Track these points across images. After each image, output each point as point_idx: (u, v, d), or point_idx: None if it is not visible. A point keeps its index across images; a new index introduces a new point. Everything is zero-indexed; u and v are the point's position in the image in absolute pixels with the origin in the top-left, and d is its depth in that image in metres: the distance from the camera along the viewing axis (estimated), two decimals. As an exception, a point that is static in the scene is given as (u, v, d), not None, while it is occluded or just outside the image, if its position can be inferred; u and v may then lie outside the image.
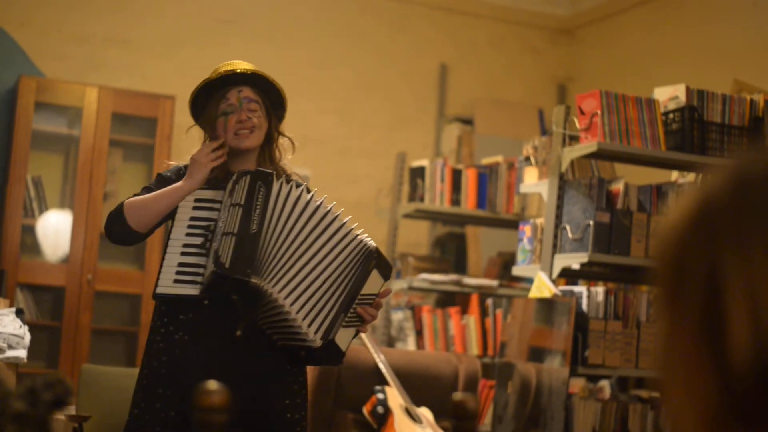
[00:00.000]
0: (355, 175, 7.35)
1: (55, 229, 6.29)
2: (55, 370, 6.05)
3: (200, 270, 2.88)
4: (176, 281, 2.88)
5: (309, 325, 2.84)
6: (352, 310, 2.89)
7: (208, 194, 2.99)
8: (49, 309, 6.33)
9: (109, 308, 6.42)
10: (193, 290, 2.87)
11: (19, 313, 4.17)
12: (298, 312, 2.83)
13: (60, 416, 3.90)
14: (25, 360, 4.00)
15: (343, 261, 2.91)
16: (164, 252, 2.94)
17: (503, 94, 7.77)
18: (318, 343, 2.84)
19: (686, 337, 0.82)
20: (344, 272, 2.91)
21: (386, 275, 2.96)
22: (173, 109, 6.38)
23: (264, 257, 2.85)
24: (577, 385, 5.03)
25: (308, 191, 2.97)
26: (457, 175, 5.90)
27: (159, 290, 2.89)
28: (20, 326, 4.04)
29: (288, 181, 2.96)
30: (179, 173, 3.07)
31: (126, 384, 4.29)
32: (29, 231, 6.25)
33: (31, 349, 4.11)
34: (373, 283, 2.93)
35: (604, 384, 5.21)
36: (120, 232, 2.97)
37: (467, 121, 7.47)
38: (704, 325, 0.80)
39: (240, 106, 3.01)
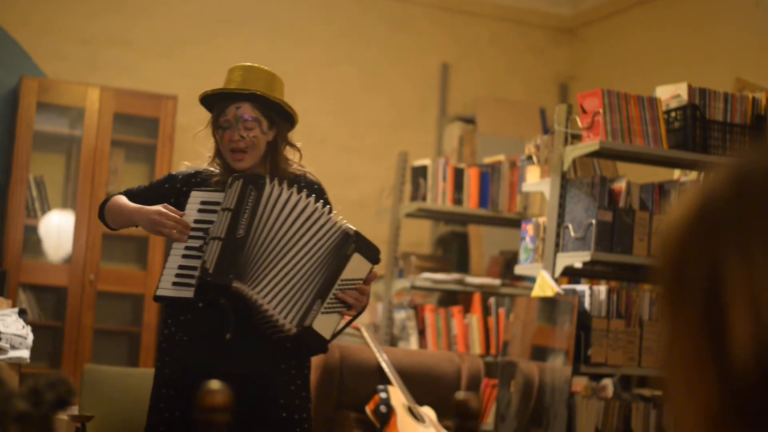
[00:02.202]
0: (357, 174, 7.35)
1: (58, 230, 6.29)
2: (58, 370, 6.05)
3: (196, 273, 2.93)
4: (175, 284, 2.94)
5: (285, 316, 2.88)
6: (333, 297, 2.91)
7: (213, 196, 3.02)
8: (52, 309, 6.34)
9: (111, 308, 6.42)
10: (189, 293, 2.92)
11: (21, 313, 4.18)
12: (275, 307, 2.88)
13: (63, 416, 3.90)
14: (28, 360, 4.01)
15: (321, 250, 2.94)
16: (168, 254, 2.99)
17: (505, 93, 7.77)
18: (293, 330, 2.88)
19: (688, 337, 0.81)
20: (322, 260, 2.93)
21: (372, 259, 2.97)
22: (175, 109, 6.38)
23: (250, 261, 2.90)
24: (580, 383, 5.04)
25: (299, 191, 2.99)
26: (459, 174, 5.90)
27: (158, 292, 2.95)
28: (23, 326, 4.05)
29: (280, 183, 2.97)
30: (188, 180, 3.11)
31: (129, 384, 4.29)
32: (32, 231, 6.25)
33: (34, 350, 4.12)
34: (357, 267, 2.94)
35: (607, 382, 5.21)
36: (102, 220, 3.20)
37: (469, 120, 7.46)
38: (705, 325, 0.80)
39: (236, 123, 3.01)
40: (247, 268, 2.89)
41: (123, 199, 3.12)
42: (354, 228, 2.96)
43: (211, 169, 3.13)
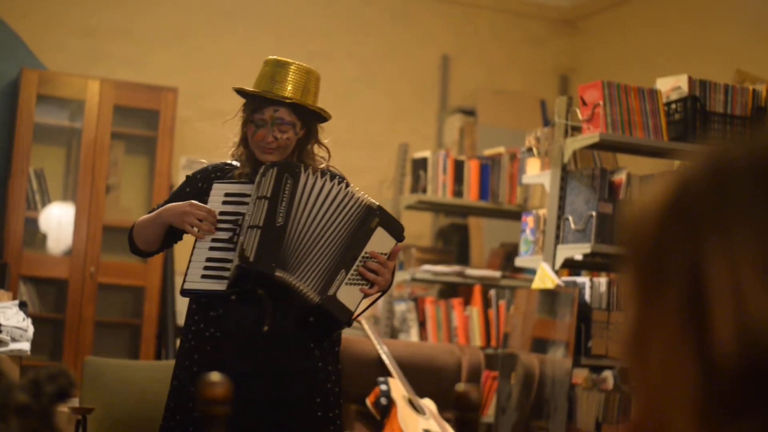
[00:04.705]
0: (357, 166, 7.33)
1: (58, 222, 6.29)
2: (59, 362, 6.06)
3: (227, 265, 2.85)
4: (204, 276, 2.86)
5: (312, 288, 2.83)
6: (357, 269, 2.87)
7: (237, 188, 2.97)
8: (52, 302, 6.34)
9: (111, 301, 6.43)
10: (219, 286, 2.84)
11: (22, 305, 4.18)
12: (307, 285, 2.83)
13: (63, 408, 3.90)
14: (29, 353, 4.01)
15: (348, 226, 2.91)
16: (193, 247, 2.92)
17: (505, 85, 7.76)
18: (316, 299, 2.81)
19: (667, 328, 0.79)
20: (348, 235, 2.90)
21: (397, 236, 2.93)
22: (175, 101, 6.37)
23: (290, 250, 2.84)
24: (580, 375, 5.03)
25: (332, 179, 2.96)
26: (459, 166, 5.90)
27: (186, 286, 2.88)
28: (23, 319, 4.05)
29: (314, 171, 2.94)
30: (208, 176, 3.06)
31: (129, 376, 4.30)
32: (32, 224, 6.25)
33: (35, 342, 4.12)
34: (381, 241, 2.91)
35: (607, 374, 5.21)
36: (133, 250, 3.11)
37: (469, 112, 7.46)
38: (686, 316, 0.78)
39: (271, 125, 2.97)
40: (288, 257, 2.83)
41: (147, 215, 3.07)
42: (377, 203, 2.94)
43: (231, 162, 3.09)
